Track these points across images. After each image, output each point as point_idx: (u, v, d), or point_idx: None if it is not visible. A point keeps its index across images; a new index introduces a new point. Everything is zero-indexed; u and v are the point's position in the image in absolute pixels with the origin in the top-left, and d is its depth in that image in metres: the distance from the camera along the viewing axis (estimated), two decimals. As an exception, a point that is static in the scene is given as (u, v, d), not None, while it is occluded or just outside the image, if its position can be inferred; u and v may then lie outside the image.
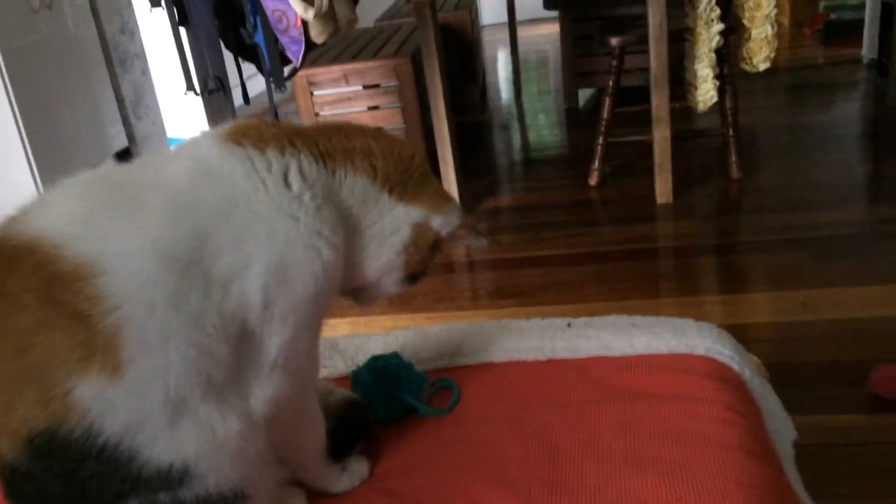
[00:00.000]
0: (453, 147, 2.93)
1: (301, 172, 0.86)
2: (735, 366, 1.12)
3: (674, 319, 1.21)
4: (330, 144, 0.91)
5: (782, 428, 1.14)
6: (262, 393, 0.82)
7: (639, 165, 3.15)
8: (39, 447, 0.73)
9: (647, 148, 2.89)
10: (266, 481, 0.85)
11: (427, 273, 1.00)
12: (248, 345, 0.81)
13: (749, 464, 0.92)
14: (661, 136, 2.82)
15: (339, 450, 1.00)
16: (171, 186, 0.81)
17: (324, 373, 1.09)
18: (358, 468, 0.99)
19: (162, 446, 0.75)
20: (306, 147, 0.88)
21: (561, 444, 0.99)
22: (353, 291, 0.97)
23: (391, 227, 0.93)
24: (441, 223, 0.96)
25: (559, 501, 0.89)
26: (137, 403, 0.73)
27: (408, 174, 0.95)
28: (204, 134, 0.88)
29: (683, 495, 0.87)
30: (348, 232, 0.89)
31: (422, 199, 0.95)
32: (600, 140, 3.07)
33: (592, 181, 3.13)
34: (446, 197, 0.99)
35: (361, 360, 1.16)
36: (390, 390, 1.08)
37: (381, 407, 1.08)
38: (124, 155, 3.87)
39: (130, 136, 3.89)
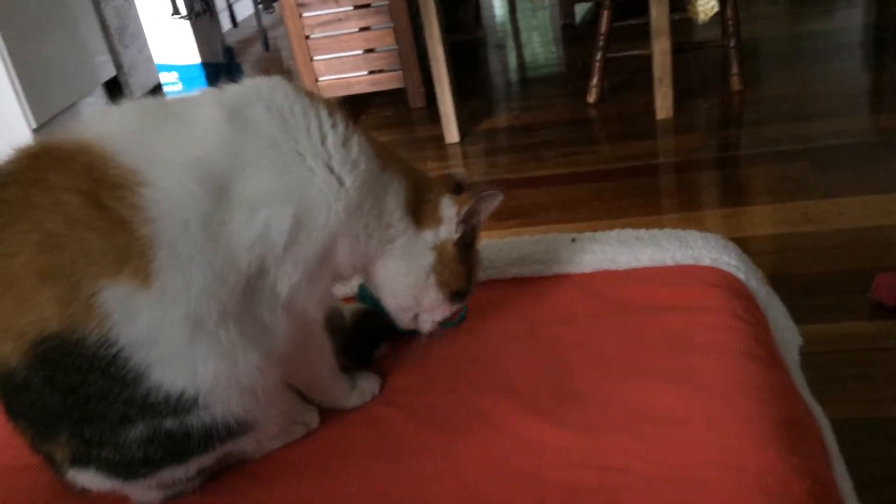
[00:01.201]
0: (448, 67, 2.87)
1: (361, 145, 0.87)
2: (741, 275, 1.11)
3: (678, 231, 1.20)
4: (384, 149, 0.93)
5: (788, 335, 1.15)
6: (278, 329, 0.83)
7: (638, 81, 3.09)
8: (46, 352, 0.73)
9: (647, 62, 2.83)
10: (270, 415, 0.86)
11: (472, 286, 1.01)
12: (260, 282, 0.81)
13: (755, 368, 0.92)
14: (660, 50, 2.75)
15: (363, 356, 1.02)
16: (227, 105, 0.83)
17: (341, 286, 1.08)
18: (368, 385, 0.99)
19: (176, 369, 0.75)
20: (369, 135, 0.91)
21: (568, 357, 0.99)
22: (413, 318, 1.00)
23: (417, 252, 0.94)
24: (447, 229, 0.96)
25: (568, 409, 0.90)
26: (159, 315, 0.74)
27: (426, 198, 0.96)
28: (276, 78, 0.88)
29: (690, 400, 0.88)
30: (376, 230, 0.91)
31: (431, 219, 0.95)
32: (598, 56, 3.00)
33: (591, 98, 3.08)
34: (435, 199, 0.96)
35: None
36: None
37: None
38: (113, 84, 3.81)
39: (118, 65, 3.82)
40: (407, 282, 0.95)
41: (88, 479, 0.82)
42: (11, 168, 0.77)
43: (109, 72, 3.77)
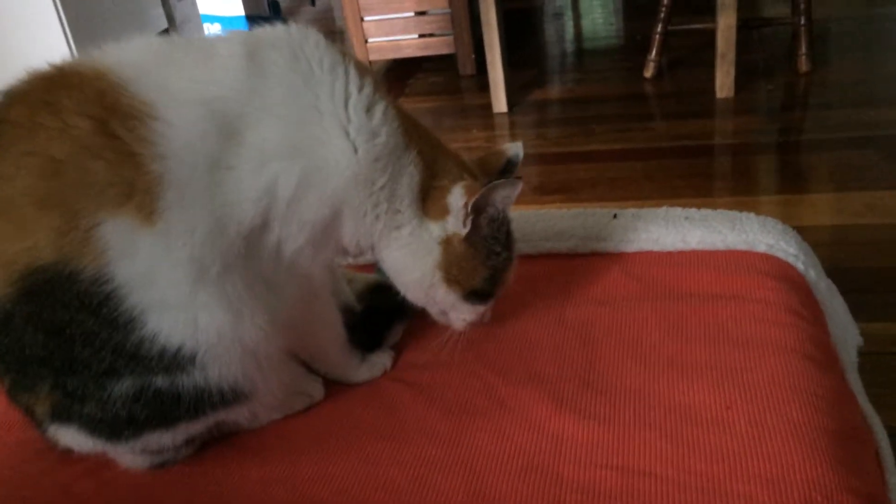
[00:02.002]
0: (500, 34, 2.76)
1: (386, 115, 0.80)
2: (799, 265, 1.01)
3: (733, 213, 1.10)
4: (413, 125, 0.85)
5: (847, 335, 1.04)
6: (284, 292, 0.79)
7: (699, 57, 2.95)
8: (35, 285, 0.68)
9: (710, 37, 2.68)
10: (270, 385, 0.81)
11: (495, 287, 0.88)
12: (262, 237, 0.77)
13: (809, 370, 0.83)
14: (725, 25, 2.60)
15: (373, 339, 0.94)
16: (252, 46, 0.77)
17: (350, 260, 1.01)
18: (379, 360, 0.93)
19: (175, 318, 0.71)
20: (399, 108, 0.83)
21: (600, 344, 0.91)
22: (441, 313, 0.91)
23: (422, 245, 0.85)
24: (454, 222, 0.84)
25: (594, 404, 0.81)
26: (161, 255, 0.70)
27: (438, 183, 0.85)
28: (311, 28, 0.82)
29: (734, 403, 0.79)
30: (384, 213, 0.82)
31: (438, 208, 0.85)
32: (659, 28, 2.86)
33: (648, 73, 2.94)
34: (447, 186, 0.85)
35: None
36: None
37: None
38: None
39: (170, 18, 3.80)
40: (413, 277, 0.86)
41: (70, 436, 0.77)
42: (21, 88, 0.73)
43: (161, 24, 3.76)
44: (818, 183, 2.18)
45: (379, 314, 0.94)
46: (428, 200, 0.85)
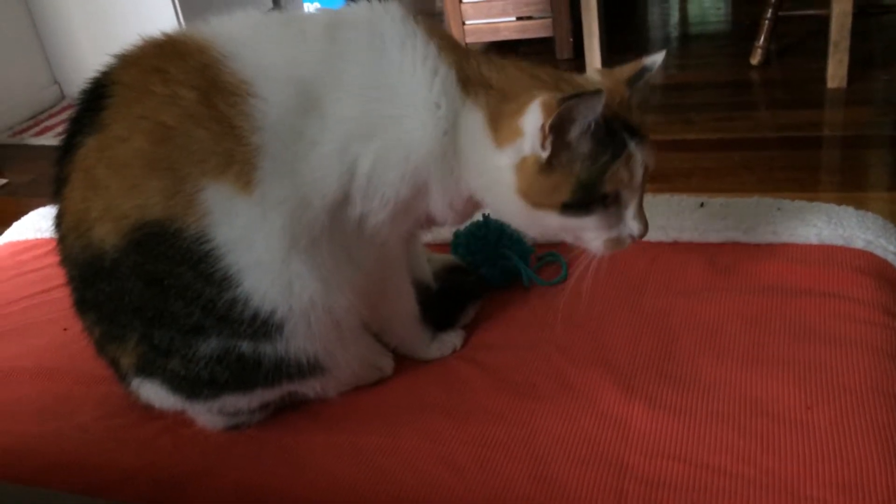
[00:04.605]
0: (600, 17, 2.70)
1: (446, 81, 0.79)
2: (900, 264, 0.95)
3: (830, 206, 1.04)
4: (475, 63, 0.82)
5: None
6: (364, 264, 0.81)
7: (810, 44, 2.81)
8: (143, 238, 0.73)
9: (823, 24, 2.55)
10: (348, 358, 0.82)
11: (600, 187, 0.76)
12: (344, 211, 0.78)
13: (901, 374, 0.78)
14: (841, 10, 2.47)
15: (447, 318, 0.95)
16: (336, 27, 0.80)
17: (427, 238, 1.01)
18: (449, 339, 0.93)
19: (270, 281, 0.74)
20: (456, 61, 0.81)
21: (676, 334, 0.88)
22: (575, 239, 0.83)
23: (500, 176, 0.78)
24: (531, 143, 0.75)
25: (665, 394, 0.79)
26: (258, 222, 0.74)
27: (508, 108, 0.78)
28: (393, 4, 0.83)
29: (815, 402, 0.75)
30: (463, 170, 0.81)
31: (509, 132, 0.77)
32: (769, 13, 2.73)
33: (755, 60, 2.82)
34: (519, 107, 0.77)
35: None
36: (494, 248, 1.00)
37: (484, 265, 1.00)
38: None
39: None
40: (507, 211, 0.82)
41: (153, 391, 0.81)
42: (134, 53, 0.78)
43: (267, 3, 3.84)
44: (934, 181, 2.05)
45: (453, 294, 0.94)
46: (498, 128, 0.78)
